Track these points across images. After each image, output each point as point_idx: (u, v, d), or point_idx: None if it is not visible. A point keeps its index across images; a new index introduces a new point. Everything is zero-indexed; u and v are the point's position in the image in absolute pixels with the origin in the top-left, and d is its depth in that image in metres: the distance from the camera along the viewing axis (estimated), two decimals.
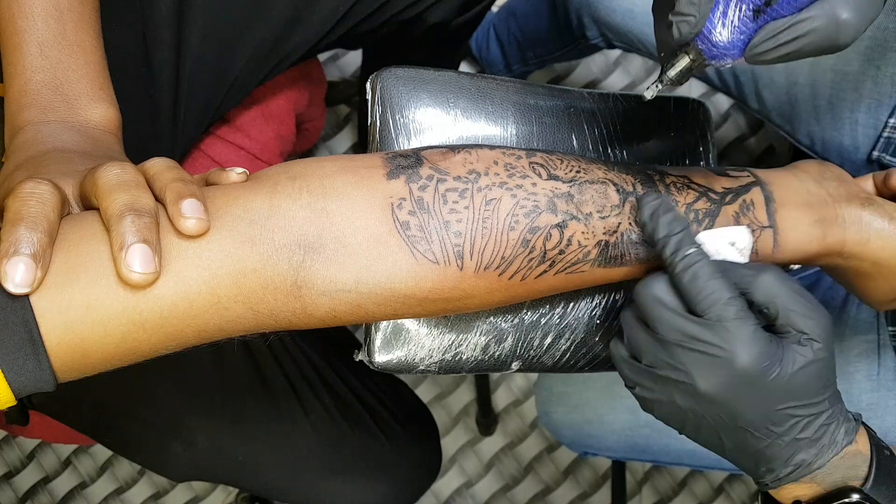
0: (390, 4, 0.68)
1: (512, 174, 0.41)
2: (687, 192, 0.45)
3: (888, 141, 0.67)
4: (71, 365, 0.33)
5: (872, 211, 0.48)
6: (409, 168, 0.40)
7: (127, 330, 0.33)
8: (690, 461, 0.80)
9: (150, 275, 0.32)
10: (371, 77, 0.50)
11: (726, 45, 0.35)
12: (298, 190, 0.37)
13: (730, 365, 0.38)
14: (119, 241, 0.32)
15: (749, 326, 0.39)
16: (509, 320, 0.50)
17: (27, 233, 0.31)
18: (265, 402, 0.71)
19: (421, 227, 0.38)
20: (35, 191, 0.33)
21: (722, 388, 0.39)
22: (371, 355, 0.49)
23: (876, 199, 0.49)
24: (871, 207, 0.48)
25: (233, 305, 0.36)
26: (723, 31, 0.34)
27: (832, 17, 0.33)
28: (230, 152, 0.76)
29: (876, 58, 0.64)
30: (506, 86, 0.52)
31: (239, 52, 0.65)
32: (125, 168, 0.36)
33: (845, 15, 0.33)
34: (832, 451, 0.41)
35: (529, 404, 1.34)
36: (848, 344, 0.73)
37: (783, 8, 0.33)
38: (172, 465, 0.73)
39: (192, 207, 0.34)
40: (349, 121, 1.33)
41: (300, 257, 0.36)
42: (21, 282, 0.30)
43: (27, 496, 1.32)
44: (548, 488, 1.34)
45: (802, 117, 0.71)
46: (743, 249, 0.44)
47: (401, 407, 0.79)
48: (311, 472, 0.73)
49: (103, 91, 0.48)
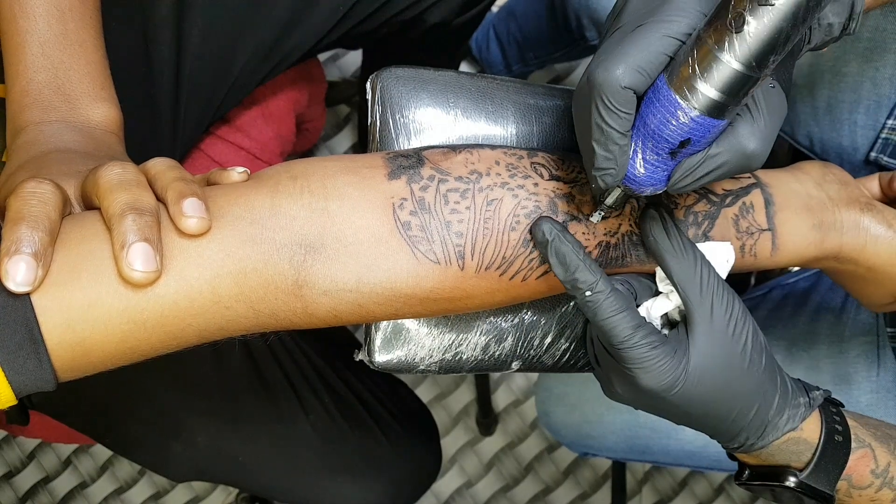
0: (390, 5, 0.68)
1: (514, 174, 0.41)
2: (687, 194, 0.45)
3: (886, 142, 0.67)
4: (72, 364, 0.33)
5: (871, 217, 0.48)
6: (411, 168, 0.40)
7: (128, 329, 0.33)
8: (690, 462, 0.80)
9: (151, 273, 0.32)
10: (371, 77, 0.50)
11: (650, 182, 0.37)
12: (300, 190, 0.37)
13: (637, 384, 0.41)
14: (120, 240, 0.32)
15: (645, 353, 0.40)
16: (509, 320, 0.50)
17: (29, 232, 0.31)
18: (265, 402, 0.71)
19: (422, 228, 0.38)
20: (37, 190, 0.33)
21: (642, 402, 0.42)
22: (371, 355, 0.49)
23: (876, 205, 0.49)
24: (870, 213, 0.48)
25: (234, 305, 0.36)
26: (643, 172, 0.36)
27: (740, 150, 0.35)
28: (230, 152, 0.76)
29: (874, 59, 0.64)
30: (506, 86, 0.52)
31: (239, 52, 0.65)
32: (126, 168, 0.36)
33: (752, 147, 0.35)
34: (773, 435, 0.43)
35: (529, 404, 1.34)
36: (847, 345, 0.73)
37: (696, 145, 0.34)
38: (172, 466, 0.73)
39: (193, 207, 0.34)
40: (349, 121, 1.33)
41: (301, 257, 0.36)
42: (22, 280, 0.30)
43: (27, 496, 1.33)
44: (548, 488, 1.34)
45: (801, 118, 0.72)
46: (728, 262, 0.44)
47: (400, 407, 0.79)
48: (311, 472, 0.73)
49: (105, 91, 0.48)
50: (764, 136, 0.35)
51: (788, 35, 0.30)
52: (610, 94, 0.33)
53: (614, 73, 0.33)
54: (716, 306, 0.41)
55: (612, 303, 0.39)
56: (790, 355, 0.75)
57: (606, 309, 0.39)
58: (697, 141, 0.34)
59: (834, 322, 0.75)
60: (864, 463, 0.44)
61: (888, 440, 0.46)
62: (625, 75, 0.33)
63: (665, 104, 0.33)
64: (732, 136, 0.35)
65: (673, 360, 0.40)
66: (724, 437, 0.44)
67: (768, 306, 0.82)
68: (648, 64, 0.33)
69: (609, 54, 0.34)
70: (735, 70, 0.31)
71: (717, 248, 0.44)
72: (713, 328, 0.41)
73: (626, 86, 0.33)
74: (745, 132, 0.35)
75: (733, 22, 0.30)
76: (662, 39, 0.33)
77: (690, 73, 0.32)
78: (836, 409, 0.46)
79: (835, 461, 0.44)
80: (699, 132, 0.34)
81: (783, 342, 0.76)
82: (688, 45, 0.33)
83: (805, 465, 0.44)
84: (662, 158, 0.35)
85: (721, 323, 0.41)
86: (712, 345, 0.40)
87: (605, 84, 0.33)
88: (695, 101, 0.32)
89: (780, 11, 0.29)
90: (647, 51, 0.33)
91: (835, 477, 0.44)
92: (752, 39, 0.30)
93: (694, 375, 0.40)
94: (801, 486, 0.44)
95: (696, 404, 0.41)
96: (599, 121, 0.34)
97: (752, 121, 0.35)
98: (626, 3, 0.37)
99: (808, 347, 0.75)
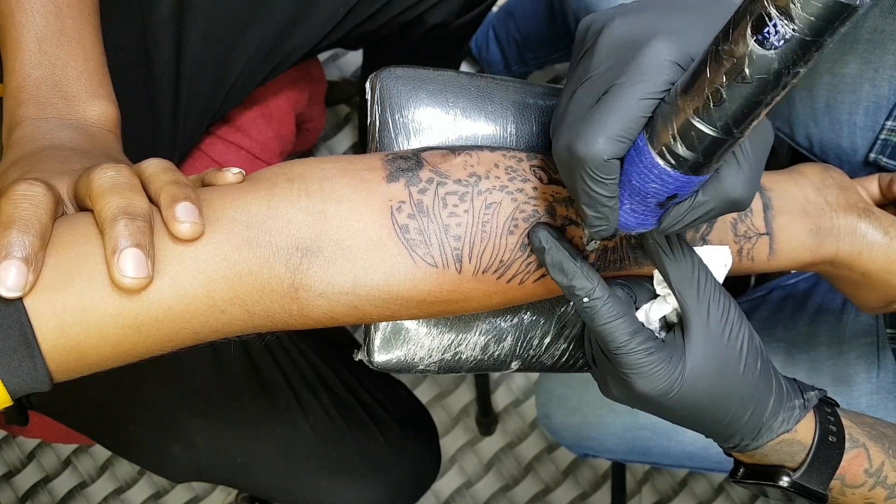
0: (391, 6, 0.68)
1: (513, 178, 0.41)
2: None
3: (885, 143, 0.67)
4: (66, 366, 0.33)
5: (869, 223, 0.48)
6: (409, 171, 0.40)
7: (122, 333, 0.33)
8: (690, 463, 0.80)
9: (142, 279, 0.32)
10: (370, 77, 0.50)
11: (640, 227, 0.37)
12: (297, 192, 0.37)
13: (632, 388, 0.41)
14: (112, 245, 0.32)
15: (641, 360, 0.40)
16: (509, 320, 0.50)
17: (19, 236, 0.31)
18: (264, 402, 0.71)
19: (420, 231, 0.38)
20: (28, 193, 0.33)
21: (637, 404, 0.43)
22: (370, 355, 0.49)
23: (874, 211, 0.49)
24: (867, 219, 0.48)
25: (229, 308, 0.35)
26: (633, 220, 0.37)
27: (727, 197, 0.35)
28: (230, 152, 0.76)
29: (873, 60, 0.64)
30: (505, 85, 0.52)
31: (239, 52, 0.65)
32: (120, 170, 0.36)
33: (738, 194, 0.35)
34: (767, 436, 0.43)
35: (529, 404, 1.34)
36: (847, 346, 0.73)
37: (681, 196, 0.35)
38: (172, 466, 0.73)
39: (186, 211, 0.34)
40: (349, 121, 1.33)
41: (297, 260, 0.36)
42: (13, 285, 0.30)
43: (27, 496, 1.33)
44: (548, 488, 1.34)
45: (800, 119, 0.71)
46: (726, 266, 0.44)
47: (400, 407, 0.79)
48: (311, 472, 0.73)
49: (102, 88, 0.47)
50: (748, 181, 0.35)
51: (768, 101, 0.29)
52: (594, 166, 0.33)
53: (596, 146, 0.33)
54: (712, 312, 0.41)
55: (610, 308, 0.39)
56: (790, 357, 0.75)
57: (604, 315, 0.39)
58: (682, 193, 0.35)
59: (834, 323, 0.75)
60: (857, 463, 0.45)
61: (883, 439, 0.46)
62: (607, 147, 0.33)
63: (648, 166, 0.34)
64: (718, 183, 0.35)
65: (668, 366, 0.40)
66: (719, 438, 0.44)
67: (769, 308, 0.82)
68: (629, 131, 0.33)
69: (588, 125, 0.33)
70: (715, 136, 0.31)
71: (716, 251, 0.44)
72: (709, 333, 0.41)
73: (609, 158, 0.33)
74: (731, 180, 0.34)
75: (710, 97, 0.30)
76: (640, 103, 0.32)
77: (670, 140, 0.32)
78: (832, 410, 0.46)
79: (828, 462, 0.44)
80: (684, 188, 0.34)
81: (783, 343, 0.76)
82: (666, 106, 0.32)
83: (799, 465, 0.44)
84: (650, 209, 0.36)
85: (717, 328, 0.41)
86: (708, 350, 0.41)
87: (588, 158, 0.33)
88: (677, 162, 0.33)
89: (758, 85, 0.29)
90: (627, 117, 0.33)
91: (828, 477, 0.44)
92: (731, 109, 0.30)
93: (689, 381, 0.40)
94: (794, 486, 0.44)
95: (690, 408, 0.41)
96: (587, 190, 0.35)
97: (737, 167, 0.34)
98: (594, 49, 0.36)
99: (808, 349, 0.75)
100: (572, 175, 0.35)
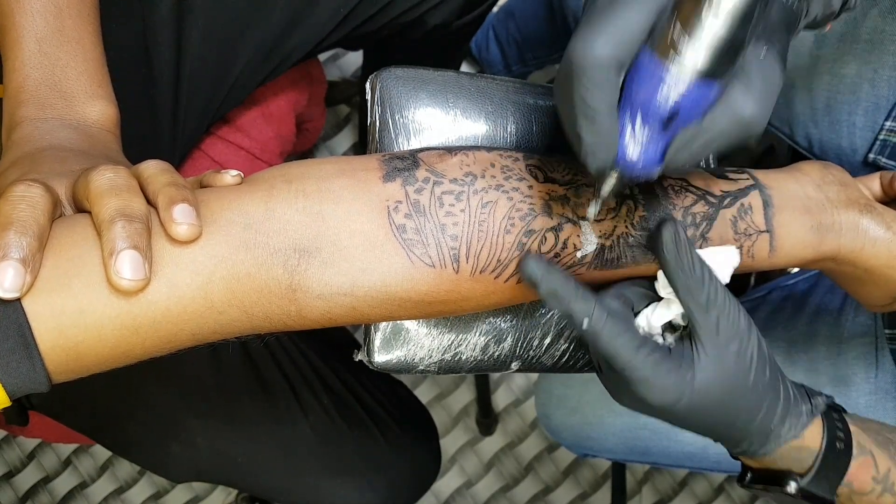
0: (391, 7, 0.68)
1: (509, 177, 0.41)
2: (685, 195, 0.45)
3: (884, 143, 0.67)
4: (65, 367, 0.33)
5: (871, 218, 0.48)
6: (406, 171, 0.40)
7: (120, 334, 0.33)
8: (690, 463, 0.80)
9: (139, 281, 0.32)
10: (371, 77, 0.50)
11: (644, 161, 0.35)
12: (294, 194, 0.37)
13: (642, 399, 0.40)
14: (109, 247, 0.32)
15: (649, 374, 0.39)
16: (509, 320, 0.50)
17: (17, 237, 0.31)
18: (264, 403, 0.71)
19: (417, 230, 0.38)
20: (26, 194, 0.33)
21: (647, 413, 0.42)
22: (370, 355, 0.49)
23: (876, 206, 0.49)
24: (869, 215, 0.48)
25: (227, 309, 0.35)
26: (636, 151, 0.34)
27: (737, 116, 0.33)
28: (230, 152, 0.76)
29: (873, 60, 0.64)
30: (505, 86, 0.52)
31: (239, 52, 0.65)
32: (118, 172, 0.36)
33: (749, 111, 0.33)
34: (775, 443, 0.43)
35: (529, 404, 1.34)
36: (846, 347, 0.73)
37: (689, 115, 0.33)
38: (172, 466, 0.73)
39: (183, 213, 0.34)
40: (349, 121, 1.33)
41: (296, 261, 0.36)
42: (10, 286, 0.30)
43: (27, 496, 1.33)
44: (548, 488, 1.34)
45: (800, 120, 0.72)
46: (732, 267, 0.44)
47: (400, 408, 0.79)
48: (311, 472, 0.73)
49: (102, 88, 0.47)
50: (760, 99, 0.33)
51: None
52: (592, 67, 0.32)
53: (594, 45, 0.31)
54: (722, 323, 0.40)
55: (612, 328, 0.39)
56: (789, 357, 0.75)
57: (606, 335, 0.39)
58: (689, 109, 0.32)
59: (832, 324, 0.75)
60: (865, 470, 0.45)
61: (888, 445, 0.46)
62: (605, 46, 0.31)
63: (651, 72, 0.32)
64: (726, 102, 0.33)
65: (677, 376, 0.40)
66: (727, 443, 0.45)
67: (768, 308, 0.82)
68: (630, 34, 0.31)
69: (588, 28, 0.32)
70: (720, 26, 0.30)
71: (722, 252, 0.43)
72: (718, 344, 0.40)
73: (608, 57, 0.31)
74: (740, 97, 0.33)
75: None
76: (642, 8, 0.31)
77: (675, 37, 0.30)
78: (839, 416, 0.46)
79: (836, 468, 0.44)
80: (690, 97, 0.32)
81: (782, 344, 0.76)
82: (669, 11, 0.31)
83: (806, 470, 0.44)
84: (654, 133, 0.34)
85: (727, 339, 0.40)
86: (718, 362, 0.40)
87: (585, 58, 0.31)
88: (682, 63, 0.31)
89: None
90: (628, 20, 0.31)
91: (835, 483, 0.44)
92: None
93: (699, 391, 0.40)
94: (801, 492, 0.44)
95: (699, 416, 0.41)
96: (583, 98, 0.33)
97: (746, 84, 0.33)
98: None
99: (807, 349, 0.75)
100: (570, 86, 0.33)
